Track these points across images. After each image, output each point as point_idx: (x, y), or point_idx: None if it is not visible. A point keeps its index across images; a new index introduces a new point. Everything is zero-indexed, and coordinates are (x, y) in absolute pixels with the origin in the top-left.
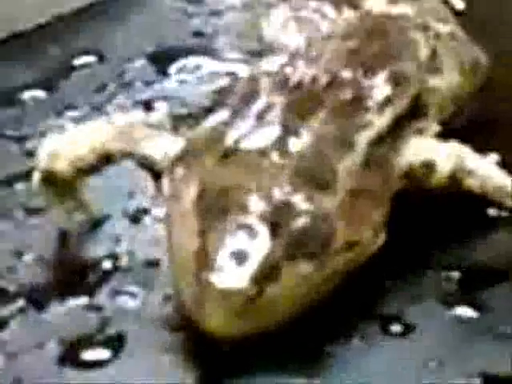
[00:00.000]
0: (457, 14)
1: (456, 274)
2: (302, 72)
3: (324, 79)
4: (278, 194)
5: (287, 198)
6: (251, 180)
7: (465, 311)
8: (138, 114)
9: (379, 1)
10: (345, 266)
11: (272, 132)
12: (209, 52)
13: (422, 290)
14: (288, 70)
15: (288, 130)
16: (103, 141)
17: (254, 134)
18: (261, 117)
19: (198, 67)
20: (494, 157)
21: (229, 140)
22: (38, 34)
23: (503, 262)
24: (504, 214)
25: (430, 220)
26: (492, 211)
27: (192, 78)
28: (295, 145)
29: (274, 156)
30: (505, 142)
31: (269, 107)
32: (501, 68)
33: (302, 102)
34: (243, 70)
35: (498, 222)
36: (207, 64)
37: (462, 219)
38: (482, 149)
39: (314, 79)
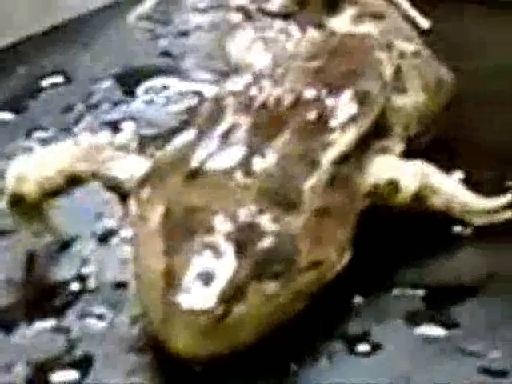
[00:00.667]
0: (422, 32)
1: (421, 292)
2: (266, 92)
3: (289, 99)
4: (243, 214)
5: (253, 218)
6: (217, 200)
7: (431, 329)
8: (105, 136)
9: (344, 20)
10: (310, 285)
11: (237, 152)
12: (176, 72)
13: (387, 309)
14: (253, 90)
15: (253, 150)
16: (70, 163)
17: (219, 155)
18: (226, 137)
19: (165, 87)
20: (458, 175)
21: (194, 161)
22: (5, 55)
23: (468, 279)
24: (468, 231)
25: (394, 238)
26: (457, 228)
27: (159, 99)
28: (260, 165)
29: (240, 176)
30: (469, 160)
31: (234, 127)
32: (465, 86)
33: (266, 122)
34: (210, 90)
35: (463, 240)
36: (174, 84)
37: (427, 237)
38: (446, 167)
39: (279, 99)
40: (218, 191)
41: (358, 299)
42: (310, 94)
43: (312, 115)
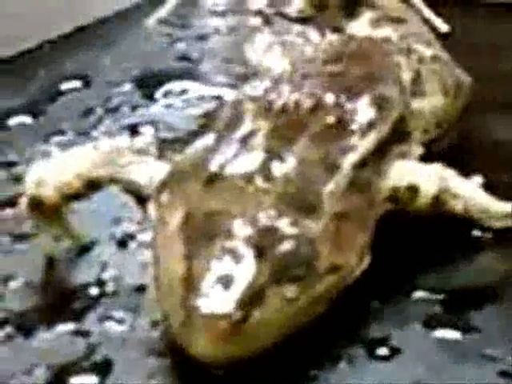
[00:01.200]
0: (441, 36)
1: (440, 296)
2: (285, 96)
3: (308, 103)
4: (262, 218)
5: (272, 222)
6: (236, 205)
7: (450, 333)
8: (124, 140)
9: (362, 24)
10: (330, 289)
11: (256, 157)
12: (195, 76)
13: (406, 313)
14: (272, 94)
15: (272, 155)
16: (89, 167)
17: (238, 159)
18: (245, 142)
19: (184, 91)
20: (477, 179)
21: (214, 165)
22: (25, 59)
23: (487, 283)
24: (488, 235)
25: (414, 242)
26: (476, 232)
27: (178, 102)
28: (279, 169)
29: (259, 181)
30: (488, 164)
31: (253, 132)
32: (484, 90)
33: (286, 127)
34: (229, 94)
35: (482, 244)
36: (193, 88)
37: (446, 241)
38: (465, 171)
39: (298, 103)
40: (238, 196)
41: (376, 303)
42: (329, 98)
43: (331, 120)
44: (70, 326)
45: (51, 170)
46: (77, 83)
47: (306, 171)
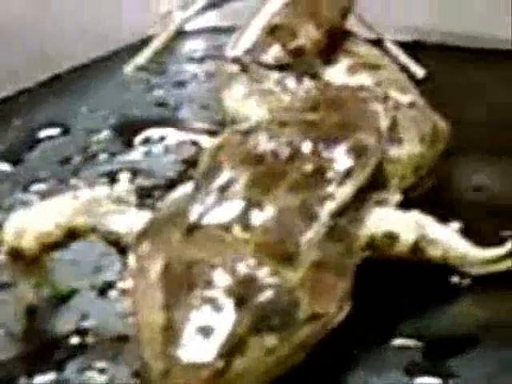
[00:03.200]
0: (418, 82)
1: (420, 343)
2: (263, 145)
3: (285, 152)
4: (242, 268)
5: (251, 271)
6: (215, 255)
7: (430, 380)
8: (103, 188)
9: (339, 71)
10: (310, 337)
11: (235, 206)
12: (173, 123)
13: (386, 360)
14: (250, 143)
15: (251, 204)
16: (68, 217)
17: (217, 209)
18: (223, 191)
19: (162, 138)
20: (455, 225)
21: (193, 215)
22: (1, 107)
23: (466, 329)
24: (466, 281)
25: (392, 288)
26: (454, 279)
27: (157, 149)
28: (258, 218)
29: (238, 230)
30: (466, 210)
31: (231, 181)
32: (461, 135)
33: (264, 176)
34: (207, 141)
35: (461, 290)
36: (172, 135)
37: (425, 287)
38: (443, 217)
39: (276, 152)
40: (217, 245)
41: (356, 350)
42: (306, 146)
43: (309, 168)
44: (50, 376)
45: (30, 220)
46: (55, 131)
47: (285, 220)
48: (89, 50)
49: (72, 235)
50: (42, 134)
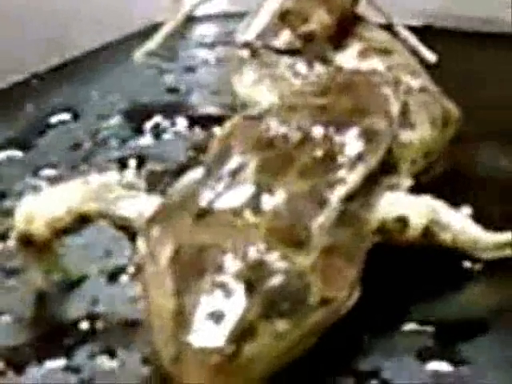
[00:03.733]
0: (429, 66)
1: (431, 328)
2: (274, 130)
3: (296, 137)
4: (252, 252)
5: (262, 256)
6: (226, 239)
7: (441, 365)
8: (113, 174)
9: (350, 56)
10: (320, 322)
11: (245, 191)
12: (183, 108)
13: (398, 345)
14: (260, 127)
15: (261, 189)
16: (79, 202)
17: (227, 194)
18: (234, 175)
19: (172, 124)
20: (466, 210)
21: (203, 200)
22: (13, 92)
23: (478, 314)
24: (478, 266)
25: (404, 273)
26: (466, 264)
27: (167, 135)
28: (269, 203)
29: (248, 215)
30: (477, 195)
31: (242, 166)
32: (472, 120)
33: (274, 161)
34: (218, 126)
35: (473, 275)
36: (182, 120)
37: (437, 272)
38: (454, 202)
39: (286, 137)
40: (227, 230)
41: (367, 336)
42: (317, 131)
43: (319, 153)
44: (60, 362)
45: (41, 205)
46: (65, 116)
47: (295, 205)
48: (99, 36)
49: (82, 220)
50: (53, 119)
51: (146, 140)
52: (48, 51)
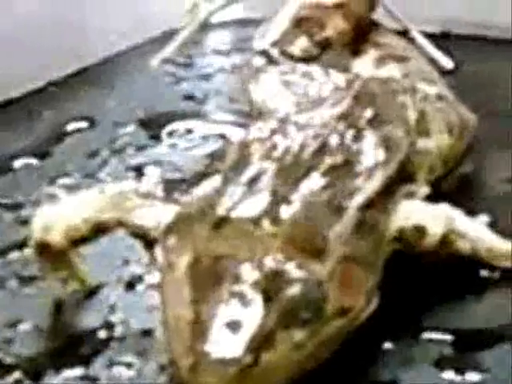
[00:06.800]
0: (445, 73)
1: (449, 337)
2: (291, 138)
3: (314, 145)
4: (270, 262)
5: (279, 266)
6: (243, 248)
7: (460, 374)
8: (130, 183)
9: (367, 63)
10: (338, 332)
11: (263, 199)
12: (200, 116)
13: (416, 354)
14: (278, 135)
15: (279, 198)
16: (96, 211)
17: (245, 202)
18: (252, 184)
19: (189, 131)
20: (483, 218)
21: (221, 209)
22: (30, 100)
23: (496, 323)
24: (496, 275)
25: (422, 282)
26: (484, 272)
27: (183, 143)
28: (286, 212)
29: (266, 224)
30: (494, 203)
31: (259, 174)
32: (489, 127)
33: (292, 169)
34: (235, 133)
35: (490, 283)
36: (198, 127)
37: (454, 281)
38: (471, 210)
39: (304, 145)
40: (245, 239)
41: (386, 344)
42: (334, 139)
43: (337, 161)
44: (78, 371)
45: (58, 215)
46: (82, 124)
47: (313, 213)
48: (116, 44)
49: (99, 230)
50: (69, 127)
51: (163, 148)
52: (64, 59)
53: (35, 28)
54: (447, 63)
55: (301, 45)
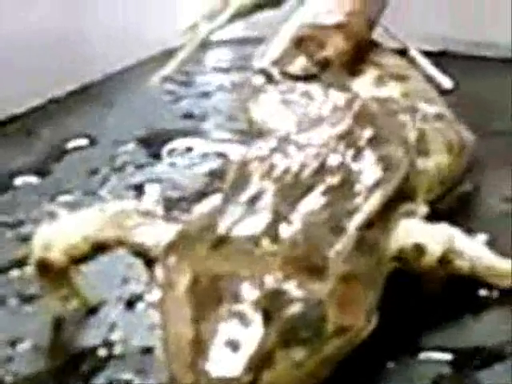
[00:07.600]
0: (444, 92)
1: (448, 356)
2: (291, 157)
3: (313, 164)
4: (270, 281)
5: (279, 285)
6: (243, 268)
7: None
8: (130, 201)
9: (366, 83)
10: (338, 351)
11: (263, 219)
12: (199, 134)
13: (415, 373)
14: (278, 155)
15: (279, 217)
16: (96, 230)
17: (245, 221)
18: (252, 203)
19: (188, 149)
20: (482, 237)
21: (221, 228)
22: (29, 118)
23: (495, 342)
24: (495, 294)
25: (420, 301)
26: (483, 291)
27: (183, 161)
28: (286, 231)
29: (266, 243)
30: (493, 222)
31: (259, 193)
32: (488, 147)
33: (292, 188)
34: (234, 151)
35: (489, 303)
36: (198, 146)
37: (453, 300)
38: (470, 229)
39: (304, 164)
40: (245, 258)
41: (384, 363)
42: (334, 159)
43: (336, 180)
44: None
45: (58, 233)
46: (82, 142)
47: (313, 233)
48: (115, 62)
49: (100, 248)
50: (70, 145)
51: (163, 166)
52: (64, 77)
53: (35, 46)
54: (446, 82)
55: (300, 64)
